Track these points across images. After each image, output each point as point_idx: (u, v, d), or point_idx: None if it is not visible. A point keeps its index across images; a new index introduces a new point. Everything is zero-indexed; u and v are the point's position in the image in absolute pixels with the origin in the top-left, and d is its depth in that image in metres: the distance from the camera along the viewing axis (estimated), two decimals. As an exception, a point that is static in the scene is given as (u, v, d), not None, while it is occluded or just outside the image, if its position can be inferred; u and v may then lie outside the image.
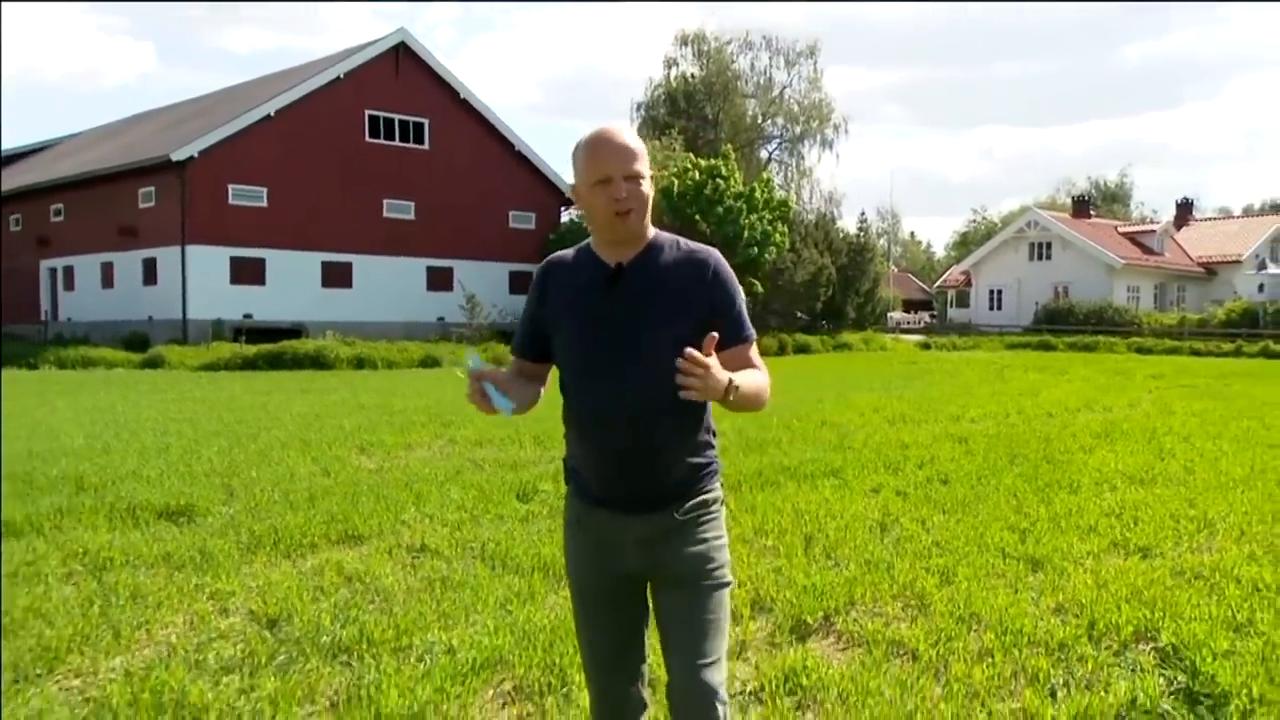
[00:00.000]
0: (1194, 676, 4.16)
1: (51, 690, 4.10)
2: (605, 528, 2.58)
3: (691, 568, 2.54)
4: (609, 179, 2.43)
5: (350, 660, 4.45)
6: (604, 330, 2.49)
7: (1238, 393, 19.28)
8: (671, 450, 2.51)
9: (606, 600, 2.64)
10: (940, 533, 6.89)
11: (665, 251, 2.55)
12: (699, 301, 2.48)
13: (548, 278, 2.65)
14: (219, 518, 7.30)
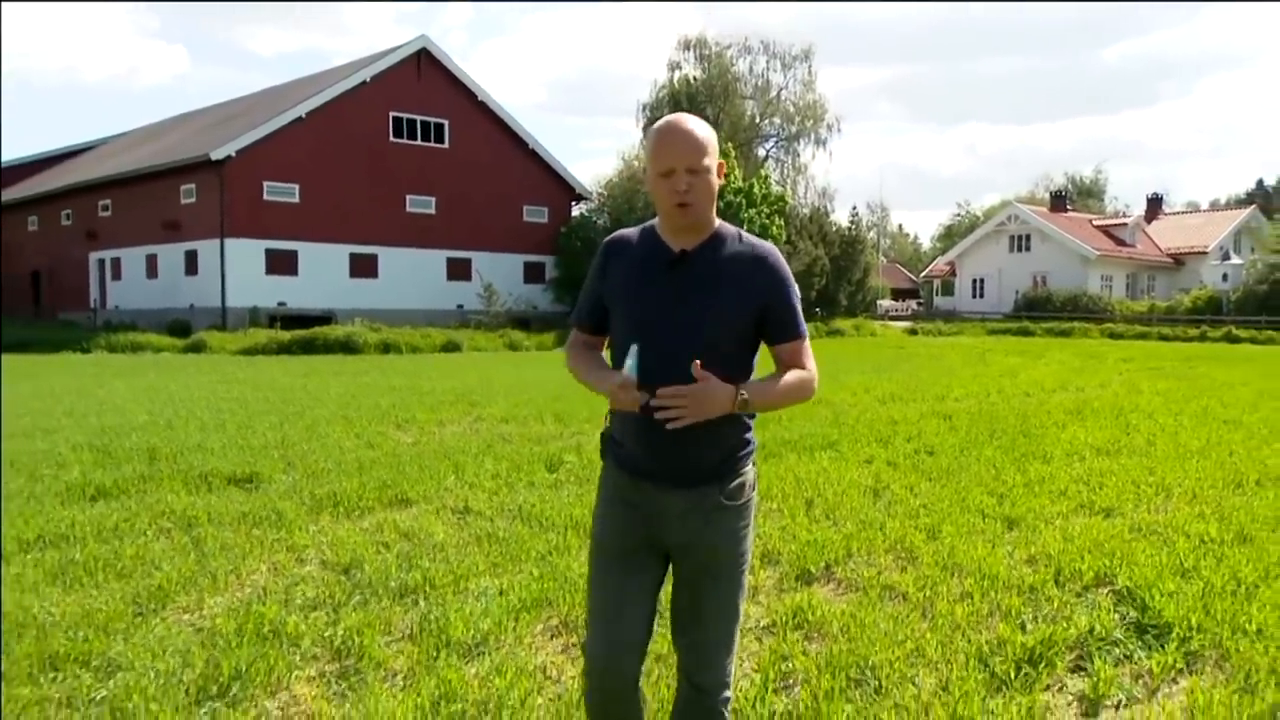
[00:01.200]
0: (1143, 612, 4.43)
1: (169, 621, 4.37)
2: (649, 500, 2.50)
3: (726, 555, 2.51)
4: (672, 171, 2.36)
5: (417, 600, 4.66)
6: (662, 311, 2.41)
7: (1200, 374, 19.32)
8: (715, 428, 2.38)
9: (631, 570, 2.54)
10: (927, 497, 7.02)
11: (728, 244, 2.47)
12: (754, 295, 2.43)
13: (609, 255, 2.57)
14: (281, 484, 7.46)
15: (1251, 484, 7.53)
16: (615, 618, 2.50)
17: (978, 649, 4.03)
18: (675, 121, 2.39)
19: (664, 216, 2.47)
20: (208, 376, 18.35)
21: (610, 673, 2.51)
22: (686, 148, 2.35)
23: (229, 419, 11.31)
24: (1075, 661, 3.97)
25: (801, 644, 4.13)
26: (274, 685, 3.68)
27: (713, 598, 2.51)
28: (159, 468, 8.03)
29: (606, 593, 2.54)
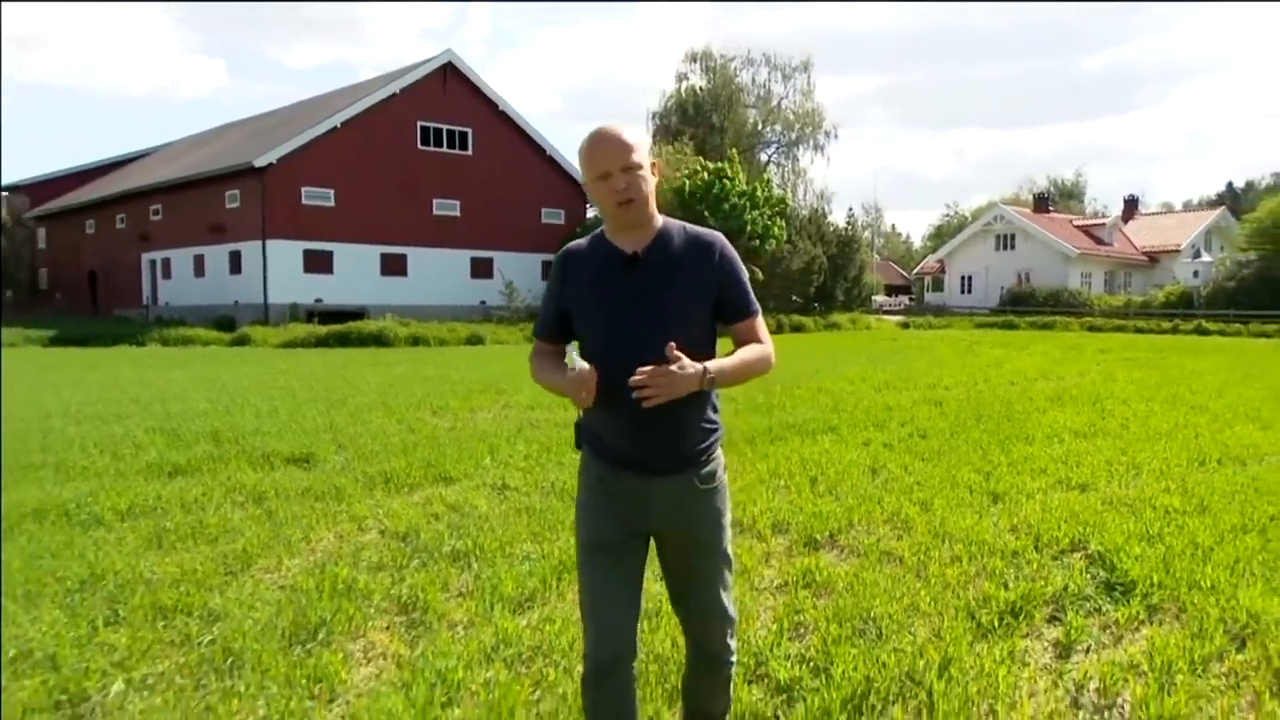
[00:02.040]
0: (1112, 572, 4.63)
1: (256, 579, 4.61)
2: (630, 489, 2.44)
3: (707, 534, 2.49)
4: (608, 174, 2.34)
5: (469, 563, 4.85)
6: (626, 309, 2.37)
7: (1171, 364, 19.25)
8: (685, 415, 2.38)
9: (617, 555, 2.47)
10: (919, 475, 7.08)
11: (674, 238, 2.44)
12: (709, 282, 2.40)
13: (566, 264, 2.51)
14: (335, 463, 7.57)
15: (1213, 462, 7.65)
16: (605, 608, 2.45)
17: (966, 604, 4.20)
18: (602, 129, 2.38)
19: (609, 219, 2.44)
20: (254, 368, 18.37)
21: (605, 662, 2.45)
22: (617, 149, 2.33)
23: (280, 406, 11.39)
24: (1051, 614, 4.14)
25: (811, 599, 4.30)
26: (354, 632, 3.90)
27: (701, 574, 2.50)
28: (225, 449, 8.15)
29: (595, 587, 2.48)
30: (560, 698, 3.23)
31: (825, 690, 3.28)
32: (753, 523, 5.63)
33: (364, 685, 3.40)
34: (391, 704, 3.15)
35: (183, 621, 3.97)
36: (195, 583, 4.47)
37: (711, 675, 2.63)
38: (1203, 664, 3.54)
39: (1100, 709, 3.25)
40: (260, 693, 3.29)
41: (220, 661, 3.55)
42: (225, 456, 7.81)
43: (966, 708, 3.19)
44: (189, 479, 6.98)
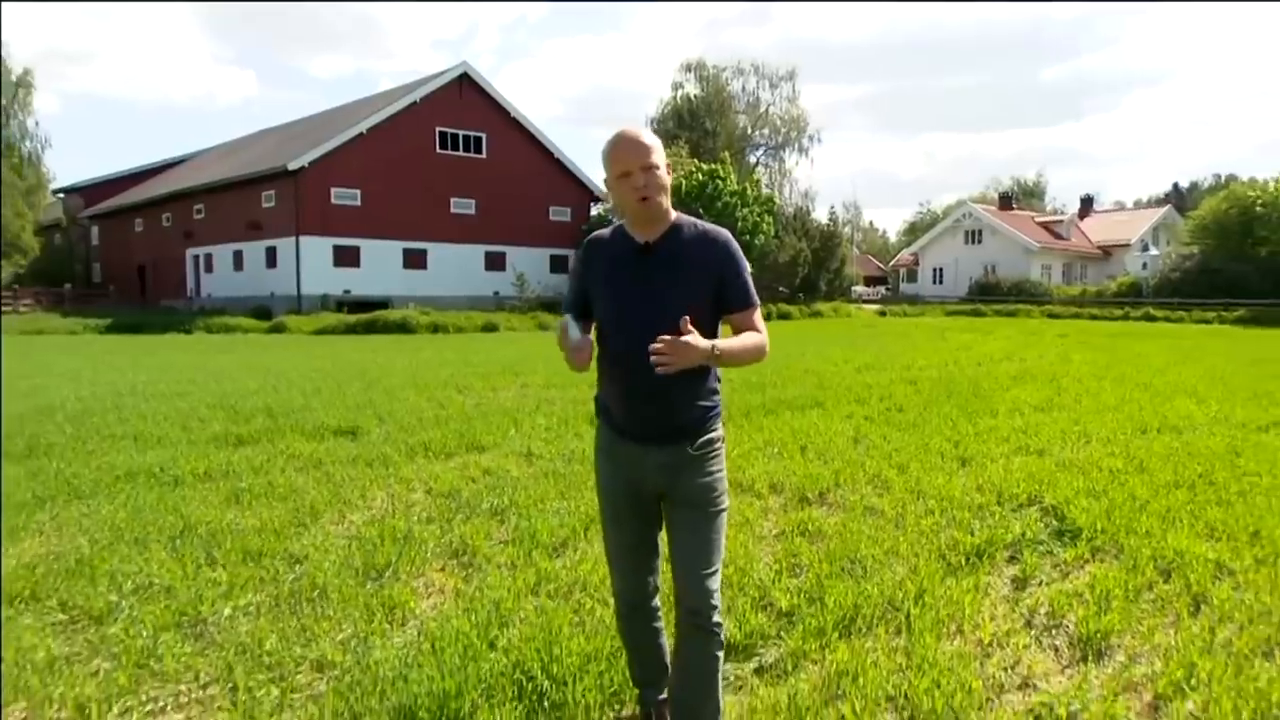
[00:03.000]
0: (1062, 521, 4.87)
1: (325, 529, 4.81)
2: (631, 455, 2.48)
3: (701, 496, 2.47)
4: (629, 172, 2.35)
5: (507, 517, 5.01)
6: (635, 294, 2.40)
7: (1121, 347, 19.38)
8: (683, 392, 2.40)
9: (630, 510, 2.53)
10: (897, 443, 7.17)
11: (685, 231, 2.44)
12: (712, 273, 2.41)
13: (589, 251, 2.55)
14: (378, 435, 7.62)
15: (1153, 430, 7.84)
16: (626, 559, 2.55)
17: (937, 547, 4.43)
18: (624, 132, 2.39)
19: (629, 213, 2.44)
20: (292, 353, 18.38)
21: (631, 602, 2.58)
22: (637, 150, 2.35)
23: (322, 386, 11.38)
24: (1010, 555, 4.39)
25: (806, 545, 4.50)
26: (415, 572, 4.14)
27: (694, 535, 2.47)
28: (279, 422, 8.19)
29: (615, 541, 2.58)
30: (598, 620, 3.47)
31: (819, 614, 3.53)
32: (752, 484, 5.78)
33: (430, 612, 3.67)
34: (458, 625, 3.41)
35: (269, 563, 4.20)
36: (274, 532, 4.68)
37: (699, 646, 2.45)
38: (1135, 592, 3.82)
39: (1049, 628, 3.53)
40: (345, 617, 3.56)
41: (308, 593, 3.80)
42: (280, 429, 7.86)
43: (937, 627, 3.46)
44: (252, 448, 7.09)
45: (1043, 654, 3.30)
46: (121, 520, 4.86)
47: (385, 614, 3.60)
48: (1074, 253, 56.52)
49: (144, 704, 2.86)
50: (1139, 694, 2.96)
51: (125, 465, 6.24)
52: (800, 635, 3.37)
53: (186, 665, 3.12)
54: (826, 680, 3.02)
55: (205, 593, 3.77)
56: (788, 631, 3.44)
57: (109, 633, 3.36)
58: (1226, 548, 4.37)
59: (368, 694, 2.86)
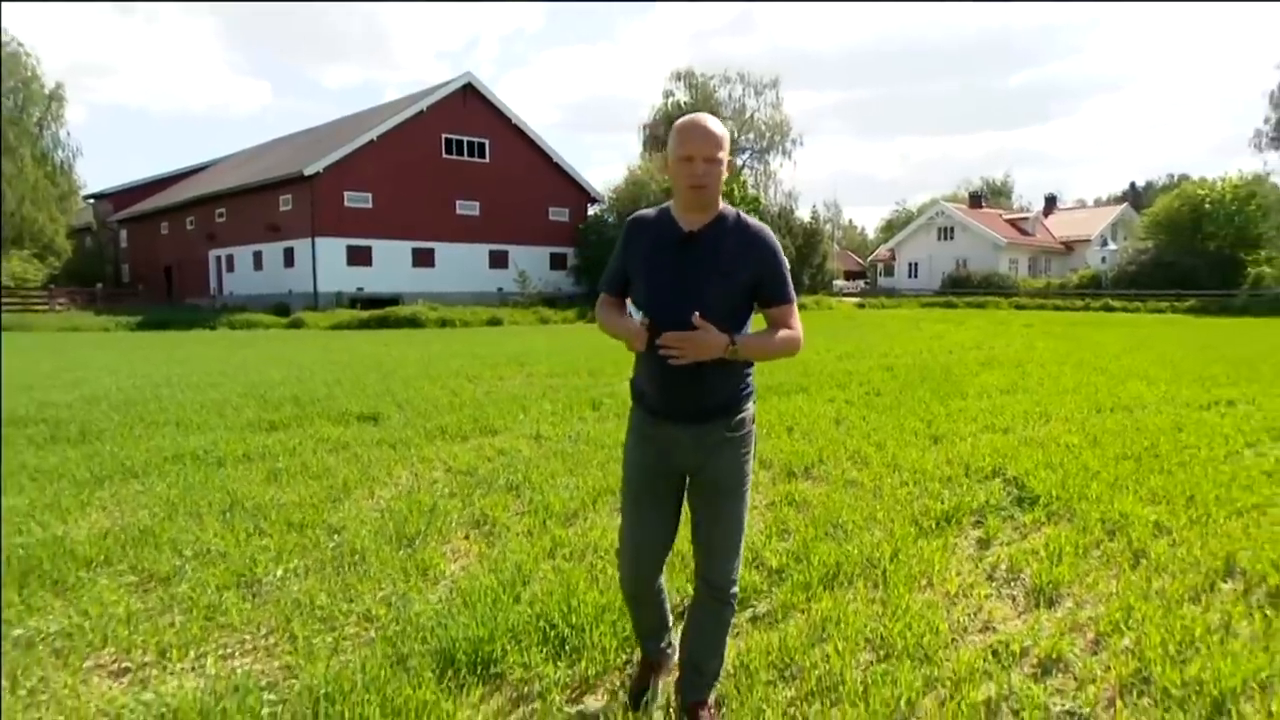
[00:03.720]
0: (1022, 489, 5.05)
1: (358, 504, 4.93)
2: (667, 436, 2.40)
3: (731, 478, 2.43)
4: (691, 158, 2.26)
5: (522, 491, 5.13)
6: (676, 280, 2.30)
7: (1081, 335, 19.50)
8: (718, 375, 2.32)
9: (653, 494, 2.47)
10: (875, 423, 7.28)
11: (729, 224, 2.36)
12: (749, 267, 2.33)
13: (631, 233, 2.44)
14: (398, 420, 7.65)
15: (1107, 410, 8.01)
16: (638, 533, 2.48)
17: (911, 514, 4.61)
18: (698, 118, 2.30)
19: (679, 195, 2.35)
20: (310, 346, 18.35)
21: (634, 574, 2.52)
22: (705, 140, 2.27)
23: (341, 376, 11.39)
24: (976, 520, 4.57)
25: (793, 513, 4.68)
26: (442, 539, 4.29)
27: (720, 512, 2.44)
28: (306, 409, 8.24)
29: (634, 519, 2.50)
30: (610, 578, 3.63)
31: (806, 571, 3.71)
32: None
33: (459, 572, 3.84)
34: (485, 582, 3.58)
35: (311, 532, 4.36)
36: (312, 506, 4.82)
37: (714, 613, 2.50)
38: (1084, 549, 4.03)
39: (1007, 580, 3.74)
40: (384, 577, 3.74)
41: (349, 558, 3.97)
42: (308, 415, 7.92)
43: (910, 581, 3.66)
44: (284, 432, 7.16)
45: (1002, 602, 3.50)
46: (175, 496, 5.01)
47: (419, 575, 3.78)
48: (1039, 248, 56.73)
49: (215, 649, 3.05)
50: (1083, 633, 3.17)
51: (172, 448, 6.36)
52: (789, 589, 3.55)
53: (248, 618, 3.30)
54: (812, 626, 3.21)
55: (257, 557, 3.94)
56: (778, 586, 3.62)
57: (177, 591, 3.55)
58: (1165, 510, 4.58)
59: (411, 639, 3.05)
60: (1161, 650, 2.90)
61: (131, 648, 3.03)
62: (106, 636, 3.10)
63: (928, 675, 2.80)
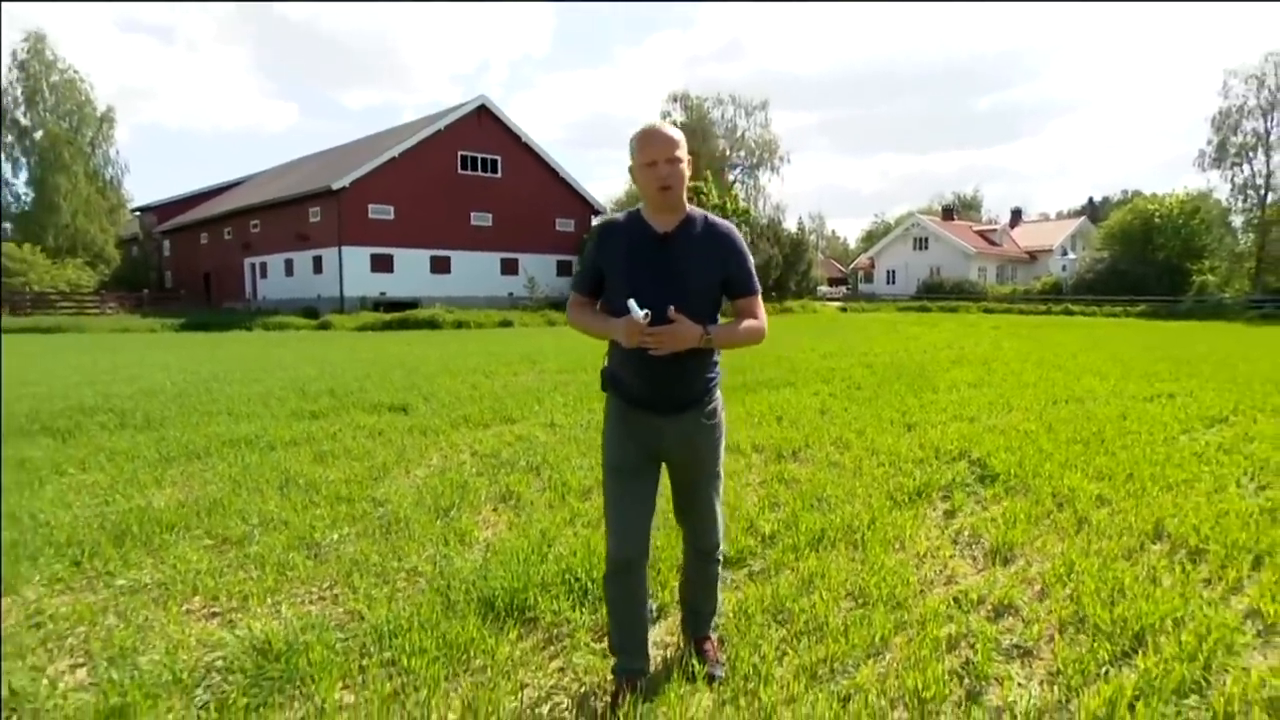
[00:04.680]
0: (985, 469, 5.23)
1: (396, 481, 5.09)
2: (647, 423, 2.39)
3: (709, 460, 2.45)
4: (654, 162, 2.25)
5: (540, 471, 5.30)
6: (654, 279, 2.27)
7: (1043, 336, 19.67)
8: (692, 366, 2.33)
9: (635, 476, 2.42)
10: (855, 413, 7.43)
11: (697, 223, 2.35)
12: (719, 263, 2.33)
13: (604, 235, 2.40)
14: (425, 411, 7.75)
15: (1062, 401, 8.17)
16: (624, 518, 2.42)
17: (886, 489, 4.79)
18: (655, 125, 2.30)
19: (649, 199, 2.33)
20: (339, 346, 18.40)
21: (622, 561, 2.42)
22: (665, 143, 2.27)
23: (370, 372, 11.46)
24: (943, 494, 4.76)
25: (783, 488, 4.87)
26: (474, 511, 4.47)
27: (701, 490, 2.47)
28: (342, 401, 8.35)
29: (617, 502, 2.43)
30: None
31: (794, 536, 3.92)
32: (738, 446, 6.04)
33: (492, 537, 4.04)
34: (515, 544, 3.80)
35: (358, 504, 4.55)
36: (357, 482, 5.00)
37: (704, 570, 2.60)
38: (1036, 518, 4.24)
39: (969, 544, 3.95)
40: (426, 540, 3.95)
41: (394, 525, 4.18)
42: (344, 406, 8.05)
43: (885, 544, 3.86)
44: (324, 420, 7.30)
45: (963, 561, 3.72)
46: (236, 474, 5.22)
47: (457, 539, 3.98)
48: (1006, 257, 56.79)
49: (288, 598, 3.27)
50: (1031, 585, 3.39)
51: (227, 434, 6.54)
52: (779, 551, 3.75)
53: (313, 574, 3.52)
54: (801, 580, 3.42)
55: (315, 524, 4.15)
56: (770, 548, 3.82)
57: (250, 551, 3.76)
58: (1107, 485, 4.80)
59: (455, 590, 3.27)
60: (1096, 596, 3.13)
61: (218, 595, 3.25)
62: (195, 587, 3.32)
63: (898, 618, 3.03)
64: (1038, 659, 2.72)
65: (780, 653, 2.78)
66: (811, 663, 2.67)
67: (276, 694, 2.48)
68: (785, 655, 2.75)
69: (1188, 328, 25.35)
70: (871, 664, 2.68)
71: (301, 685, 2.52)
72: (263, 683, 2.52)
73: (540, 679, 2.64)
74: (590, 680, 2.61)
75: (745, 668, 2.62)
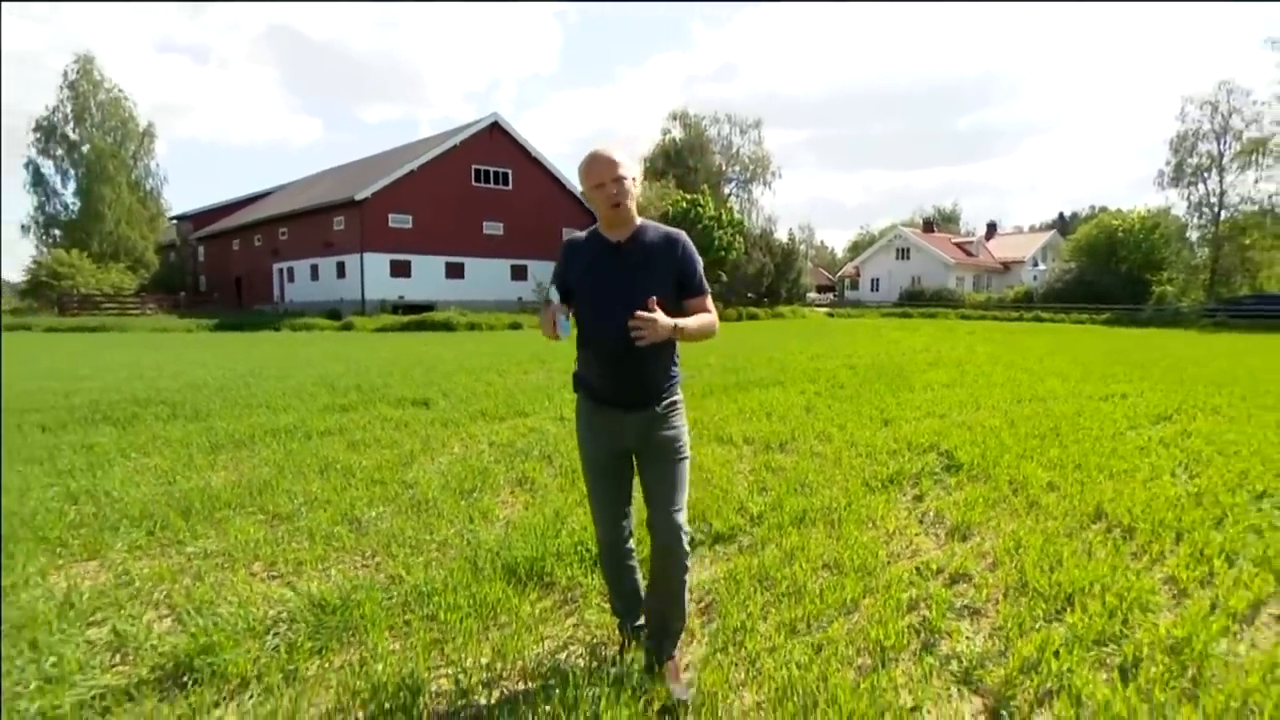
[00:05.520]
0: (951, 459, 5.43)
1: (423, 467, 5.27)
2: (610, 419, 2.41)
3: (669, 446, 2.41)
4: (601, 183, 2.29)
5: (551, 459, 5.47)
6: (610, 286, 2.32)
7: (1014, 341, 19.83)
8: (650, 366, 2.36)
9: (609, 467, 2.45)
10: (838, 410, 7.56)
11: (649, 234, 2.38)
12: (672, 268, 2.35)
13: (568, 252, 2.46)
14: (445, 405, 7.87)
15: (1026, 400, 8.35)
16: (606, 502, 2.44)
17: (863, 477, 4.98)
18: (596, 150, 2.33)
19: (602, 217, 2.38)
20: (361, 346, 18.49)
21: (610, 543, 2.47)
22: (608, 165, 2.30)
23: (392, 370, 11.56)
24: (913, 481, 4.96)
25: (770, 475, 5.06)
26: (493, 493, 4.66)
27: (663, 480, 2.42)
28: (368, 396, 8.44)
29: (598, 493, 2.46)
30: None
31: (780, 516, 4.13)
32: (731, 437, 6.25)
33: (511, 515, 4.26)
34: (533, 521, 4.01)
35: (390, 486, 4.76)
36: (388, 467, 5.20)
37: (670, 571, 2.40)
38: (994, 501, 4.46)
39: (933, 523, 4.17)
40: (454, 517, 4.17)
41: (424, 504, 4.40)
42: (370, 400, 8.14)
43: (859, 523, 4.08)
44: (354, 413, 7.44)
45: (927, 538, 3.95)
46: (279, 459, 5.43)
47: (480, 516, 4.20)
48: (982, 267, 56.84)
49: (337, 564, 3.50)
50: (985, 557, 3.62)
51: (268, 424, 6.73)
52: (766, 528, 3.97)
53: (357, 544, 3.75)
54: (784, 552, 3.65)
55: (354, 503, 4.37)
56: (758, 526, 4.04)
57: (299, 525, 3.99)
58: (1058, 473, 5.02)
59: (482, 558, 3.49)
60: (1038, 566, 3.36)
61: (275, 561, 3.48)
62: (256, 554, 3.56)
63: (868, 584, 3.26)
64: (984, 617, 2.96)
65: (764, 612, 3.01)
66: (791, 619, 2.90)
67: (334, 640, 2.71)
68: (769, 614, 2.99)
69: (1147, 334, 25.54)
70: (842, 621, 2.92)
71: (355, 633, 2.76)
72: (322, 631, 2.76)
73: (558, 632, 2.88)
74: (600, 633, 2.84)
75: (734, 623, 2.86)
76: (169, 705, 2.29)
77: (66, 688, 2.37)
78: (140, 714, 2.24)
